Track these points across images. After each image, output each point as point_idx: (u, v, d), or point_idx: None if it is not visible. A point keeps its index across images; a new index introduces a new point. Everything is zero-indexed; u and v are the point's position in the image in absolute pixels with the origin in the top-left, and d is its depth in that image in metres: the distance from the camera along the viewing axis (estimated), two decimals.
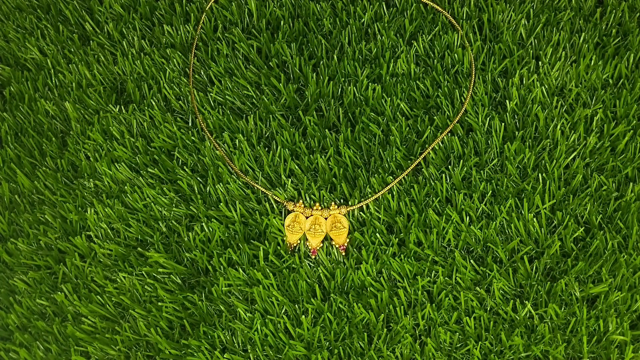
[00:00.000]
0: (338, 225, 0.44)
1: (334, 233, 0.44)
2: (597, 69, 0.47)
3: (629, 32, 0.49)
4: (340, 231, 0.44)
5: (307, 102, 0.48)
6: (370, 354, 0.41)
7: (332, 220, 0.44)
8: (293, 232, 0.44)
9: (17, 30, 0.53)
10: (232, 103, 0.48)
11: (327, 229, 0.44)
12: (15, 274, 0.46)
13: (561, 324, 0.41)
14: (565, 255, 0.43)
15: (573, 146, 0.45)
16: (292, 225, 0.44)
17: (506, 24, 0.49)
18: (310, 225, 0.44)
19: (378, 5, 0.50)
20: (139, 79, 0.50)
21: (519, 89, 0.47)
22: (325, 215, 0.44)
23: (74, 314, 0.44)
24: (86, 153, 0.48)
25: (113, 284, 0.45)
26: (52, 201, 0.47)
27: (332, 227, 0.44)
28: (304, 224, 0.44)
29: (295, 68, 0.49)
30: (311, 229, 0.44)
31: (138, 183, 0.46)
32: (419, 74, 0.48)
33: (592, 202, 0.44)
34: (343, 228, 0.44)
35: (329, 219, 0.44)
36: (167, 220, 0.45)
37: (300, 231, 0.44)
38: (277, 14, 0.51)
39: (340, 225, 0.44)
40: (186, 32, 0.50)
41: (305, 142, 0.47)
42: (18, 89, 0.51)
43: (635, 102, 0.47)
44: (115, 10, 0.52)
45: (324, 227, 0.44)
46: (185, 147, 0.47)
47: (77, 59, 0.51)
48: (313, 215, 0.44)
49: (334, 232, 0.44)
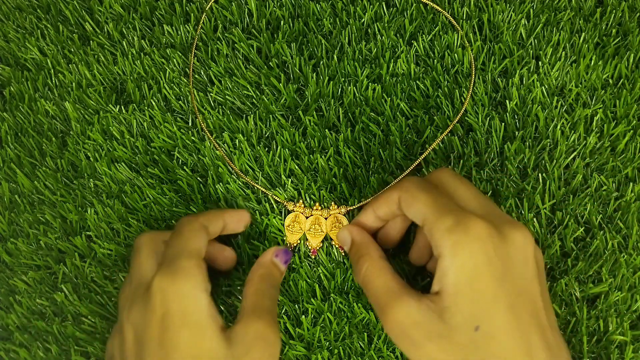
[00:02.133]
0: (338, 225, 0.44)
1: (334, 233, 0.44)
2: (597, 69, 0.47)
3: (629, 32, 0.49)
4: None
5: (307, 102, 0.48)
6: (370, 354, 0.41)
7: (332, 220, 0.44)
8: (293, 232, 0.44)
9: (17, 30, 0.53)
10: (232, 103, 0.48)
11: (327, 229, 0.44)
12: (15, 274, 0.46)
13: (561, 323, 0.41)
14: (565, 255, 0.43)
15: (573, 146, 0.45)
16: (292, 225, 0.44)
17: (506, 24, 0.49)
18: (311, 226, 0.44)
19: (378, 5, 0.50)
20: (139, 79, 0.50)
21: (519, 89, 0.47)
22: (325, 215, 0.44)
23: (74, 314, 0.44)
24: (86, 153, 0.48)
25: (113, 284, 0.45)
26: (52, 201, 0.47)
27: (332, 227, 0.44)
28: (304, 224, 0.44)
29: (295, 68, 0.49)
30: (311, 229, 0.44)
31: (138, 183, 0.46)
32: (419, 74, 0.48)
33: (592, 202, 0.44)
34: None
35: (329, 219, 0.44)
36: (167, 220, 0.45)
37: (300, 231, 0.44)
38: (277, 14, 0.51)
39: (340, 225, 0.44)
40: (186, 32, 0.50)
41: (305, 142, 0.47)
42: (18, 89, 0.51)
43: (635, 102, 0.47)
44: (115, 10, 0.52)
45: (324, 227, 0.44)
46: (185, 147, 0.47)
47: (77, 59, 0.51)
48: (313, 215, 0.44)
49: (334, 232, 0.44)
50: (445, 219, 0.33)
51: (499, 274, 0.32)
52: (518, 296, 0.32)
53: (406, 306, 0.33)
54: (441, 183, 0.38)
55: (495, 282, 0.32)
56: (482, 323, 0.31)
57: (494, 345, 0.31)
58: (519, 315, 0.32)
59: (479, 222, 0.33)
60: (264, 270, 0.40)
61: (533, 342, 0.32)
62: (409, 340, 0.33)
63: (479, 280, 0.32)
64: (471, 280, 0.32)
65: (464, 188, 0.37)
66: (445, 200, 0.35)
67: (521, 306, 0.32)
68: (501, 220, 0.34)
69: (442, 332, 0.32)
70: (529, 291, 0.33)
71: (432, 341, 0.32)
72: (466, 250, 0.32)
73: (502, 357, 0.31)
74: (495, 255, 0.32)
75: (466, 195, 0.37)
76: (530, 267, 0.34)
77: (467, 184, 0.38)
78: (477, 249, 0.32)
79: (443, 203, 0.35)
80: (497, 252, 0.33)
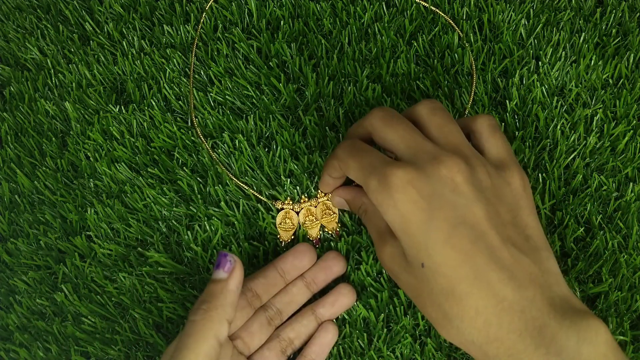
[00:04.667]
0: (328, 212, 0.45)
1: (326, 220, 0.44)
2: (597, 69, 0.47)
3: (629, 32, 0.49)
4: (331, 217, 0.44)
5: (307, 102, 0.48)
6: (370, 354, 0.41)
7: (322, 208, 0.45)
8: (286, 230, 0.45)
9: (17, 30, 0.53)
10: (232, 103, 0.48)
11: (319, 217, 0.45)
12: (15, 274, 0.46)
13: None
14: (565, 255, 0.43)
15: (573, 146, 0.45)
16: (283, 222, 0.45)
17: (506, 24, 0.49)
18: (304, 218, 0.45)
19: (378, 5, 0.50)
20: (139, 79, 0.50)
21: (519, 89, 0.47)
22: (314, 204, 0.45)
23: (74, 314, 0.44)
24: (86, 153, 0.48)
25: (113, 284, 0.45)
26: (52, 201, 0.47)
27: (323, 215, 0.45)
28: (295, 219, 0.45)
29: (295, 68, 0.49)
30: (306, 221, 0.45)
31: (138, 183, 0.46)
32: (418, 73, 0.48)
33: (592, 202, 0.44)
34: (333, 214, 0.45)
35: (319, 206, 0.45)
36: (167, 220, 0.45)
37: (292, 227, 0.45)
38: (277, 14, 0.51)
39: (330, 212, 0.45)
40: (186, 32, 0.50)
41: (305, 142, 0.47)
42: (18, 89, 0.51)
43: (635, 102, 0.47)
44: (115, 10, 0.52)
45: (318, 216, 0.45)
46: (185, 147, 0.47)
47: (77, 59, 0.51)
48: (303, 208, 0.45)
49: (325, 219, 0.44)
50: (370, 182, 0.35)
51: (425, 215, 0.34)
52: (454, 228, 0.34)
53: (388, 246, 0.37)
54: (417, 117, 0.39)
55: (423, 224, 0.34)
56: (424, 261, 0.34)
57: (439, 278, 0.34)
58: (457, 245, 0.33)
59: (397, 172, 0.34)
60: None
61: (480, 265, 0.33)
62: (392, 272, 0.37)
63: (409, 227, 0.34)
64: (403, 229, 0.34)
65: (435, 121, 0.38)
66: (370, 159, 0.36)
67: (459, 236, 0.33)
68: (428, 158, 0.35)
69: (407, 267, 0.36)
70: (466, 218, 0.34)
71: (404, 272, 0.36)
72: (390, 205, 0.34)
73: (448, 286, 0.33)
74: (420, 197, 0.34)
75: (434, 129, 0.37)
76: (464, 194, 0.34)
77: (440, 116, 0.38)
78: (399, 200, 0.34)
79: (369, 163, 0.36)
80: (421, 194, 0.34)
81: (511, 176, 0.37)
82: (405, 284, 0.36)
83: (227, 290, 0.37)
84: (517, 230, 0.35)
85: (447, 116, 0.38)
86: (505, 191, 0.36)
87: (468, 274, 0.33)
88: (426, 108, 0.38)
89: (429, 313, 0.35)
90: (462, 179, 0.34)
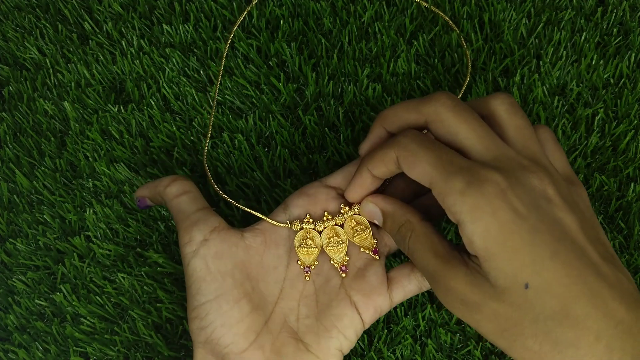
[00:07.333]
0: (359, 228, 0.38)
1: (359, 238, 0.38)
2: (598, 69, 0.47)
3: (630, 31, 0.49)
4: (365, 233, 0.38)
5: (306, 101, 0.48)
6: (371, 354, 0.41)
7: (350, 225, 0.38)
8: (308, 253, 0.37)
9: (16, 30, 0.53)
10: (231, 102, 0.48)
11: (348, 237, 0.38)
12: (14, 274, 0.46)
13: None
14: None
15: (574, 146, 0.45)
16: (304, 244, 0.37)
17: (507, 23, 0.49)
18: (328, 240, 0.38)
19: (378, 4, 0.50)
20: (138, 78, 0.50)
21: (520, 88, 0.47)
22: (340, 221, 0.38)
23: (72, 314, 0.44)
24: (85, 153, 0.48)
25: (112, 284, 0.44)
26: (51, 201, 0.47)
27: (354, 233, 0.38)
28: (318, 240, 0.37)
29: (295, 67, 0.48)
30: (330, 244, 0.37)
31: (137, 183, 0.46)
32: (419, 73, 0.48)
33: (594, 202, 0.44)
34: (366, 229, 0.38)
35: (346, 224, 0.38)
36: (166, 220, 0.45)
37: (315, 249, 0.37)
38: (277, 13, 0.50)
39: (362, 226, 0.38)
40: (185, 32, 0.50)
41: (305, 142, 0.47)
42: (17, 88, 0.51)
43: (636, 101, 0.47)
44: (114, 9, 0.52)
45: (343, 237, 0.38)
46: (184, 147, 0.47)
47: (76, 58, 0.51)
48: (326, 227, 0.38)
49: (358, 237, 0.37)
50: (455, 181, 0.30)
51: (530, 226, 0.29)
52: (558, 242, 0.29)
53: (457, 272, 0.31)
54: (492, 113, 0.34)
55: (529, 235, 0.29)
56: (529, 280, 0.29)
57: (549, 299, 0.29)
58: (565, 260, 0.29)
59: (494, 176, 0.30)
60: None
61: (591, 282, 0.29)
62: (467, 306, 0.31)
63: (511, 239, 0.29)
64: (502, 241, 0.29)
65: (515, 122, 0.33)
66: (449, 156, 0.31)
67: (564, 251, 0.29)
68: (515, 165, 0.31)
69: (495, 294, 0.30)
70: (565, 231, 0.30)
71: (490, 301, 0.30)
72: (486, 212, 0.29)
73: (561, 308, 0.29)
74: (522, 206, 0.29)
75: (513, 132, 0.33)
76: (558, 206, 0.31)
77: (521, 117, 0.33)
78: (498, 207, 0.29)
79: (448, 160, 0.31)
80: (523, 202, 0.30)
81: (582, 191, 0.34)
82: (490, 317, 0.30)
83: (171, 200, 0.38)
84: (604, 246, 0.32)
85: (526, 117, 0.33)
86: (581, 207, 0.33)
87: (583, 292, 0.29)
88: (505, 104, 0.33)
89: (530, 346, 0.29)
90: (554, 191, 0.31)
